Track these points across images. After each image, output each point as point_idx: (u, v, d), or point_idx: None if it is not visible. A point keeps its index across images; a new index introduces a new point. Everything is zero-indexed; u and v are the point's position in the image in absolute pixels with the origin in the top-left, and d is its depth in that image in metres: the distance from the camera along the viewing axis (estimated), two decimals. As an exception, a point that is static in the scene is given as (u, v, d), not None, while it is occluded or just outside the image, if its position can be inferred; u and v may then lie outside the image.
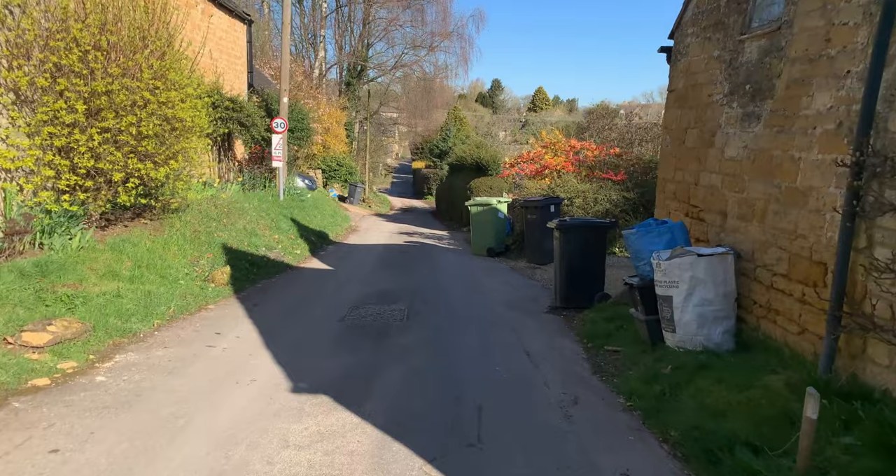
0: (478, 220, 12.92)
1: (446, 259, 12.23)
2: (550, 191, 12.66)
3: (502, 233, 13.11)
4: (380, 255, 12.20)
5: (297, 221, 12.98)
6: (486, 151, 19.87)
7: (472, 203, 12.95)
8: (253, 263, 8.69)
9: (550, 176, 13.41)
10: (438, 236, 17.42)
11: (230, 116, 12.33)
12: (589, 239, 8.02)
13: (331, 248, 12.55)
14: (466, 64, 38.61)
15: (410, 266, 10.79)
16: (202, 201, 10.27)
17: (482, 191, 18.85)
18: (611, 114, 18.53)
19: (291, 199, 14.65)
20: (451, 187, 23.80)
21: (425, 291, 8.41)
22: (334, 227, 15.37)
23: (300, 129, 15.73)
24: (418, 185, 46.02)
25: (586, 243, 8.00)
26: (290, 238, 11.31)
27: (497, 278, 10.02)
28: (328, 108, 26.62)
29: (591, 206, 12.22)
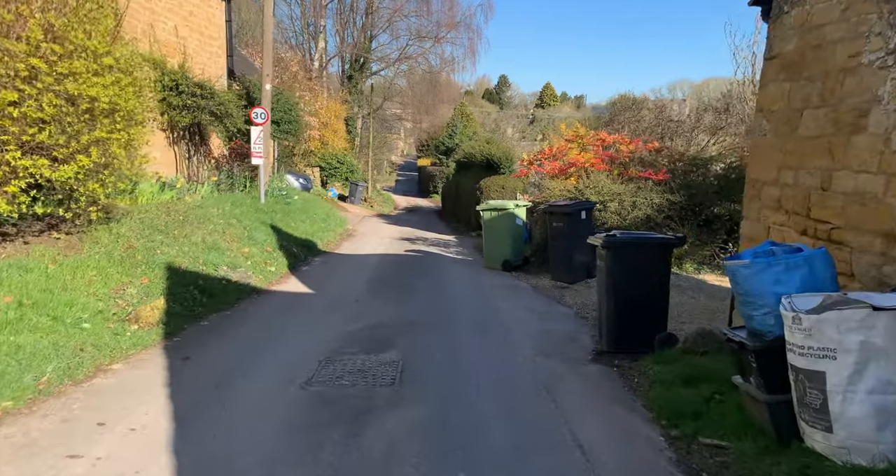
0: (491, 227, 10.81)
1: (454, 275, 10.13)
2: (578, 193, 10.54)
3: (520, 242, 11.00)
4: (375, 269, 10.12)
5: (278, 229, 10.92)
6: (498, 147, 17.75)
7: (484, 207, 10.85)
8: (204, 290, 6.62)
9: (576, 175, 11.30)
10: (444, 242, 15.32)
11: (197, 104, 10.28)
12: (648, 260, 5.91)
13: (317, 262, 10.48)
14: (474, 56, 36.46)
15: (410, 286, 8.70)
16: (153, 207, 8.22)
17: (493, 191, 16.73)
18: (637, 105, 16.38)
19: (275, 202, 12.59)
20: (457, 186, 21.67)
21: (428, 328, 6.31)
22: (326, 234, 13.30)
23: (288, 122, 13.68)
24: (423, 183, 43.97)
25: (644, 265, 5.90)
26: (264, 251, 9.24)
27: (518, 303, 7.92)
28: (326, 101, 24.55)
29: (629, 211, 10.10)
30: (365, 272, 9.71)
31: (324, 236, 12.85)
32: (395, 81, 36.62)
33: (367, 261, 11.02)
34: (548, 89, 75.90)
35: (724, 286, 8.58)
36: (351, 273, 9.56)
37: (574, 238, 9.35)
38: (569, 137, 12.02)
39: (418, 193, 43.18)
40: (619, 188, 10.35)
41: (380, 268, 10.28)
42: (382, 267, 10.39)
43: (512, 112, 63.79)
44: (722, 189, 9.98)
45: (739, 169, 10.21)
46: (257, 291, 7.52)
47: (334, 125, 24.76)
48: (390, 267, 10.45)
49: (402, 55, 32.88)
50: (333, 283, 8.64)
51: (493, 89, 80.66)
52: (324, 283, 8.55)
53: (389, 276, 9.42)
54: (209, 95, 10.49)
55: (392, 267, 10.48)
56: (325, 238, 12.90)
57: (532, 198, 15.78)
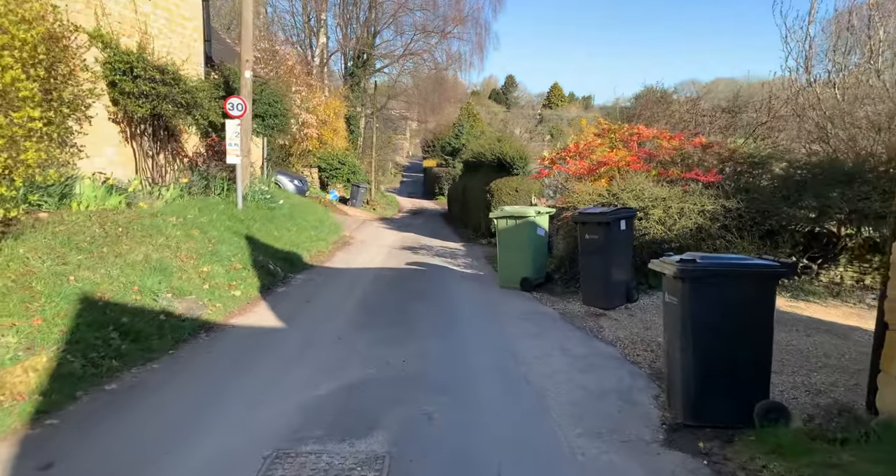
0: (508, 238, 8.98)
1: (463, 297, 8.30)
2: (612, 198, 8.70)
3: (542, 257, 9.17)
4: (368, 289, 8.31)
5: (254, 240, 9.13)
6: (510, 145, 15.91)
7: (499, 215, 9.01)
8: (128, 331, 4.82)
9: (607, 175, 9.47)
10: (451, 251, 13.49)
11: (157, 92, 8.50)
12: (744, 296, 4.11)
13: (298, 280, 8.67)
14: (482, 52, 34.61)
15: (409, 315, 6.89)
16: (86, 216, 6.44)
17: (505, 195, 14.89)
18: (666, 98, 14.52)
19: (256, 207, 10.80)
20: (465, 189, 19.86)
21: (428, 390, 4.47)
22: (316, 243, 11.50)
23: (273, 116, 11.89)
24: (429, 185, 42.23)
25: (739, 304, 4.10)
26: (231, 269, 7.44)
27: (547, 342, 6.08)
28: (326, 98, 22.79)
29: (675, 219, 8.24)
30: (355, 294, 7.89)
31: (312, 247, 11.05)
32: (400, 79, 34.83)
33: (361, 277, 9.21)
34: (555, 90, 74.01)
35: (816, 317, 6.72)
36: (338, 296, 7.74)
37: (611, 253, 7.53)
38: (598, 132, 10.21)
39: (423, 195, 41.44)
40: (664, 192, 8.50)
41: (374, 288, 8.47)
42: (377, 286, 8.58)
43: (519, 112, 61.91)
44: (790, 193, 8.11)
45: (811, 169, 8.35)
46: (208, 327, 5.71)
47: (334, 123, 22.99)
48: (387, 286, 8.64)
49: (406, 51, 31.08)
50: (312, 312, 6.82)
51: (499, 90, 78.77)
52: (300, 312, 6.74)
53: (384, 301, 7.60)
54: (173, 82, 8.71)
55: (389, 286, 8.66)
56: (314, 248, 11.09)
57: (551, 202, 13.95)
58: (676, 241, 8.21)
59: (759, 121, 13.70)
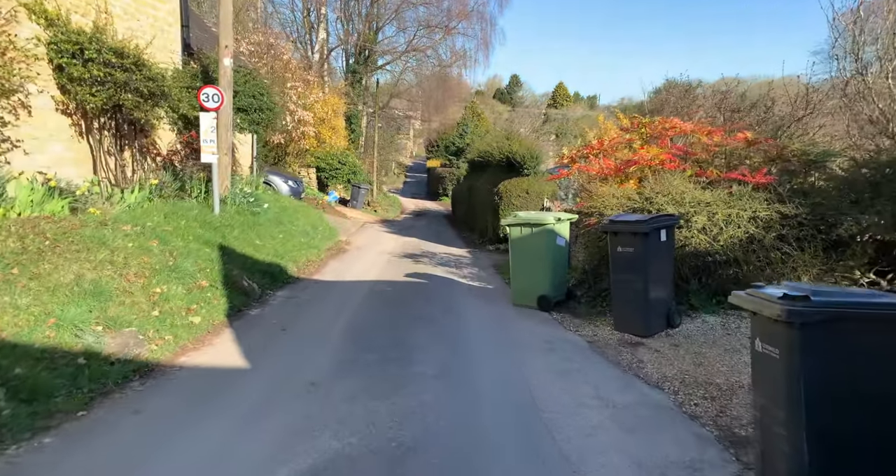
0: (523, 249, 7.65)
1: (470, 321, 6.95)
2: (645, 202, 7.36)
3: (563, 270, 7.83)
4: (358, 311, 6.98)
5: (230, 251, 7.84)
6: (520, 143, 14.57)
7: (513, 222, 7.67)
8: (17, 387, 3.52)
9: (636, 176, 8.13)
10: (456, 259, 12.17)
11: (114, 78, 7.20)
12: (887, 353, 2.81)
13: (278, 298, 7.36)
14: (487, 48, 33.22)
15: (404, 349, 5.56)
16: (5, 225, 5.16)
17: (515, 197, 13.56)
18: (691, 92, 13.14)
19: (237, 212, 9.50)
20: (470, 190, 18.53)
21: (424, 471, 3.19)
22: (305, 252, 10.20)
23: (259, 109, 10.59)
24: (433, 185, 40.94)
25: (878, 365, 2.81)
26: (195, 288, 6.14)
27: (578, 385, 4.75)
28: (324, 94, 21.50)
29: (722, 227, 6.90)
30: (342, 317, 6.57)
31: (301, 256, 9.74)
32: (403, 77, 33.49)
33: (352, 294, 7.89)
34: (560, 89, 72.57)
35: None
36: (321, 320, 6.42)
37: (649, 269, 6.20)
38: (624, 126, 8.86)
39: (427, 196, 40.15)
40: (707, 195, 7.16)
41: (366, 308, 7.14)
42: (370, 306, 7.25)
43: (524, 112, 60.50)
44: (861, 196, 6.75)
45: (879, 168, 6.99)
46: (146, 372, 4.41)
47: (332, 121, 21.70)
48: (381, 306, 7.31)
49: (409, 47, 29.74)
50: (286, 344, 5.50)
51: (504, 89, 77.42)
52: (271, 345, 5.43)
53: (376, 327, 6.27)
54: (134, 67, 7.42)
55: (384, 306, 7.34)
56: (303, 258, 9.79)
57: (566, 206, 12.62)
58: (723, 253, 6.87)
59: (795, 115, 12.32)
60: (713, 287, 7.11)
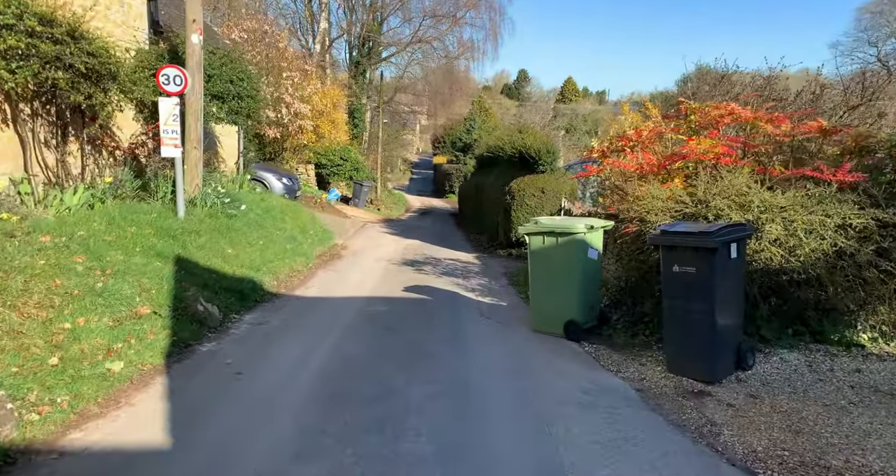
0: (547, 264, 6.15)
1: (481, 358, 5.43)
2: (699, 207, 5.84)
3: (595, 289, 6.32)
4: (339, 348, 5.48)
5: (190, 263, 6.38)
6: (535, 137, 13.03)
7: (533, 230, 6.16)
8: None
9: (681, 173, 6.59)
10: (463, 267, 10.68)
11: (40, 52, 5.74)
12: None
13: (244, 325, 5.88)
14: (496, 39, 31.55)
15: (395, 406, 4.08)
16: None
17: (529, 196, 12.04)
18: (726, 81, 11.52)
19: (209, 215, 8.04)
20: (479, 188, 17.01)
21: None
22: (290, 260, 8.74)
23: (238, 97, 9.11)
24: (439, 182, 39.48)
25: None
26: (129, 317, 4.70)
27: (634, 466, 3.29)
28: (327, 86, 20.03)
29: (801, 238, 5.38)
30: (319, 353, 5.09)
31: (284, 265, 8.29)
32: (409, 70, 31.94)
33: (337, 317, 6.42)
34: (569, 84, 70.76)
35: None
36: (291, 357, 4.95)
37: (717, 294, 4.70)
38: (668, 114, 7.34)
39: (433, 193, 38.69)
40: (779, 198, 5.63)
41: (351, 338, 5.66)
42: (357, 335, 5.77)
43: (532, 107, 58.73)
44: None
45: None
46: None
47: (332, 114, 20.23)
48: (371, 335, 5.82)
49: (415, 38, 28.17)
50: (237, 400, 4.04)
51: (511, 84, 75.69)
52: (215, 401, 3.96)
53: (361, 368, 4.78)
54: (69, 39, 5.97)
55: (374, 334, 5.86)
56: (286, 268, 8.34)
57: (588, 207, 11.11)
58: (802, 270, 5.35)
59: (849, 103, 10.73)
60: (789, 313, 5.60)
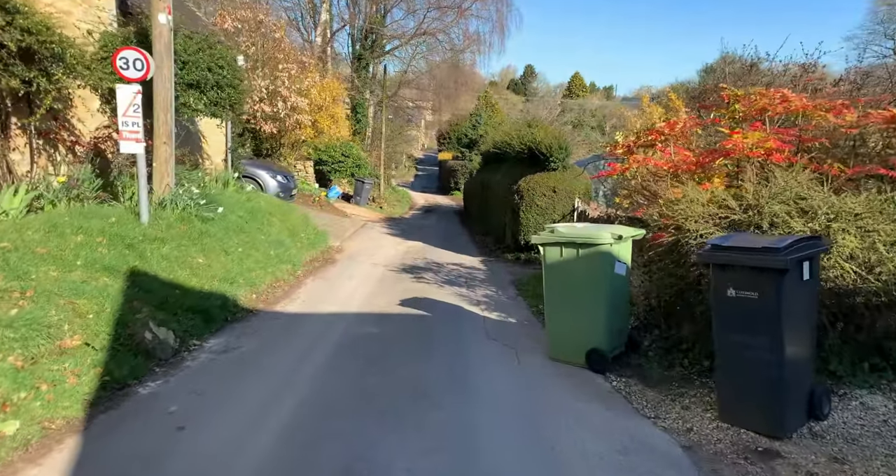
0: (565, 278, 5.12)
1: (488, 399, 4.38)
2: (749, 213, 4.80)
3: (623, 309, 5.30)
4: (314, 385, 4.47)
5: (146, 279, 5.40)
6: (546, 131, 11.97)
7: (548, 240, 5.12)
8: None
9: (721, 172, 5.55)
10: (468, 274, 9.67)
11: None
12: None
13: (205, 353, 4.89)
14: (503, 32, 30.33)
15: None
16: None
17: (539, 195, 11.01)
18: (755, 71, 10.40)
19: (180, 219, 7.06)
20: (484, 186, 15.98)
21: None
22: (273, 268, 7.77)
23: (217, 86, 8.12)
24: (444, 179, 38.44)
25: None
26: (49, 353, 3.73)
27: None
28: (321, 77, 19.03)
29: (884, 253, 4.33)
30: (290, 395, 4.08)
31: (264, 276, 7.31)
32: (413, 64, 30.83)
33: (319, 341, 5.42)
34: (576, 79, 69.40)
35: None
36: (252, 404, 3.95)
37: (785, 326, 3.66)
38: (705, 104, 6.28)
39: (438, 190, 37.66)
40: (848, 202, 4.59)
41: (331, 372, 4.65)
42: (338, 369, 4.76)
43: (539, 103, 57.48)
44: None
45: None
46: None
47: (332, 109, 19.23)
48: (355, 368, 4.80)
49: (418, 30, 27.06)
50: (172, 470, 3.07)
51: (518, 80, 74.42)
52: (142, 473, 3.00)
53: (337, 421, 3.79)
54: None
55: (359, 367, 4.84)
56: (269, 278, 7.36)
57: (605, 209, 10.09)
58: (883, 291, 4.31)
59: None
60: (864, 343, 4.57)
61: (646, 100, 10.98)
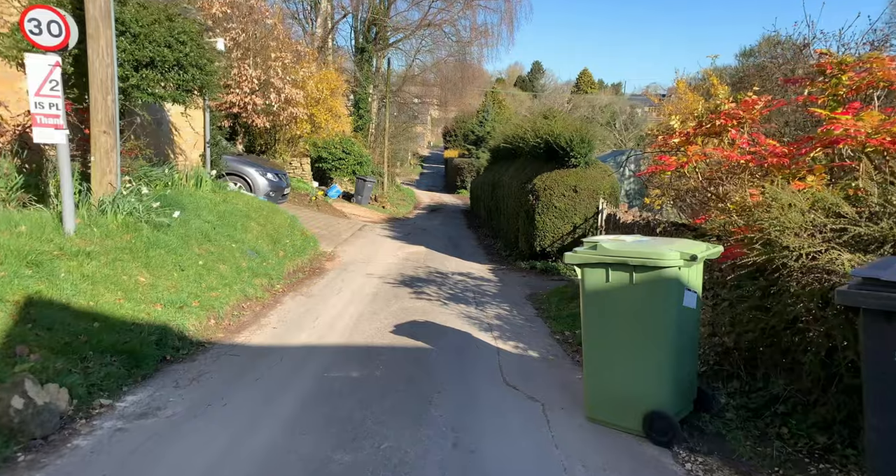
0: (612, 309, 3.69)
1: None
2: (874, 219, 3.37)
3: (692, 355, 3.86)
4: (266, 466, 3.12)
5: (49, 310, 4.02)
6: (565, 123, 10.50)
7: (589, 258, 3.69)
8: None
9: (821, 168, 4.12)
10: (476, 288, 8.25)
11: None
12: None
13: (116, 415, 3.48)
14: (511, 23, 28.84)
15: None
16: None
17: (558, 196, 9.56)
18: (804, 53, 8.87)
19: (123, 227, 5.67)
20: (494, 185, 14.52)
21: None
22: (246, 284, 6.38)
23: (179, 66, 6.71)
24: (450, 177, 37.08)
25: None
26: None
27: None
28: (316, 67, 17.63)
29: None
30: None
31: (228, 295, 5.91)
32: (418, 57, 29.38)
33: (281, 394, 4.01)
34: (584, 76, 67.70)
35: None
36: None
37: None
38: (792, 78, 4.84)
39: (444, 188, 36.26)
40: None
41: (287, 446, 3.26)
42: (296, 440, 3.36)
43: (548, 99, 55.86)
44: None
45: None
46: None
47: (329, 102, 17.83)
48: (319, 438, 3.38)
49: (423, 21, 25.60)
50: None
51: (525, 77, 72.76)
52: None
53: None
54: None
55: (325, 436, 3.42)
56: (235, 297, 5.96)
57: (634, 212, 8.69)
58: None
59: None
60: None
61: (681, 85, 9.47)
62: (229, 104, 14.55)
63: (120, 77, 6.27)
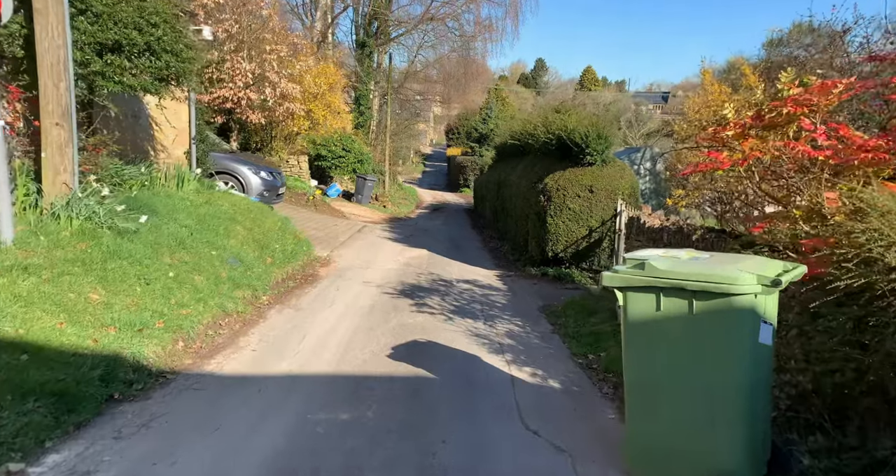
0: (663, 345, 2.88)
1: None
2: None
3: (765, 403, 3.06)
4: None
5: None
6: (579, 118, 9.65)
7: (634, 281, 2.87)
8: None
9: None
10: (483, 299, 7.43)
11: None
12: None
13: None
14: (517, 17, 28.01)
15: None
16: None
17: (572, 197, 8.74)
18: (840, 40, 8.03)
19: (80, 235, 4.87)
20: (500, 184, 13.69)
21: None
22: (224, 298, 5.58)
23: (150, 51, 5.90)
24: (453, 175, 36.26)
25: None
26: None
27: None
28: (314, 61, 16.81)
29: None
30: None
31: (202, 312, 5.11)
32: (421, 53, 28.52)
33: (247, 449, 3.22)
34: (588, 73, 66.72)
35: None
36: None
37: None
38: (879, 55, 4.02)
39: (446, 187, 35.45)
40: None
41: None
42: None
43: (551, 97, 54.94)
44: None
45: None
46: None
47: (328, 97, 17.01)
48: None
49: (426, 15, 24.73)
50: None
51: (529, 74, 71.85)
52: None
53: None
54: None
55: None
56: (211, 314, 5.17)
57: (662, 217, 7.93)
58: None
59: None
60: None
61: (707, 75, 8.64)
62: (222, 99, 13.78)
63: (80, 62, 5.47)
